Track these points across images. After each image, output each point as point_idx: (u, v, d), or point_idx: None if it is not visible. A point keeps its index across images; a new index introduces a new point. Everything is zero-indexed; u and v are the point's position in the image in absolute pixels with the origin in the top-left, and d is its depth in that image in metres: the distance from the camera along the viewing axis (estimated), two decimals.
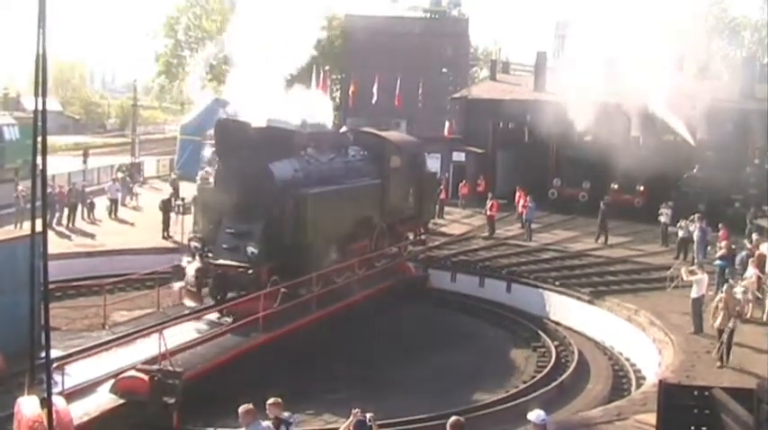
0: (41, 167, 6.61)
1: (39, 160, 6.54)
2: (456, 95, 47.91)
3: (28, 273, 12.71)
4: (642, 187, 35.19)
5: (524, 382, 18.71)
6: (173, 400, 13.85)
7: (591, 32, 31.38)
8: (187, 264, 19.17)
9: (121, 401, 14.10)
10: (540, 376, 18.91)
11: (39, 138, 6.45)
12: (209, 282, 19.16)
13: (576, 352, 20.63)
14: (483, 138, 40.35)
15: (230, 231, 19.62)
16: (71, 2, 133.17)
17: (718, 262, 22.24)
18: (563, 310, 24.04)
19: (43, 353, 7.74)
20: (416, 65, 53.03)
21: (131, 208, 35.10)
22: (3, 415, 12.11)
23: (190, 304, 19.32)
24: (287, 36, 20.48)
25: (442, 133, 44.62)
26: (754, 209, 30.55)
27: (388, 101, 45.87)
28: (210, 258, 19.35)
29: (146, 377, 14.03)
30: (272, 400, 10.22)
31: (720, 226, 26.11)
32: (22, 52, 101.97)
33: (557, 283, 24.77)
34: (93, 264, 25.41)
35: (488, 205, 30.88)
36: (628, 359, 20.81)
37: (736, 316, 16.83)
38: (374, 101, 45.66)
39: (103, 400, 14.14)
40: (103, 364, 15.24)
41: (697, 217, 26.39)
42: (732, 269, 21.78)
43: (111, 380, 14.50)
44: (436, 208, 32.03)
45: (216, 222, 20.00)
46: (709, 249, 25.49)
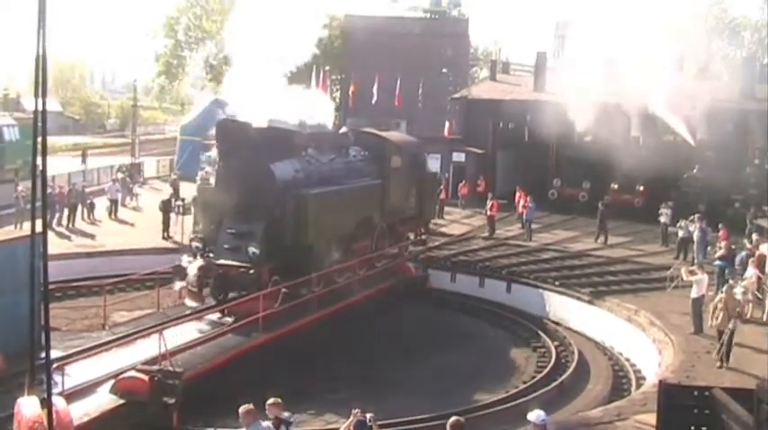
0: (41, 168, 6.60)
1: (39, 161, 6.54)
2: (456, 95, 47.87)
3: (28, 273, 12.68)
4: (642, 187, 35.20)
5: (524, 382, 18.71)
6: (173, 401, 13.85)
7: (591, 32, 31.37)
8: (188, 264, 19.16)
9: (121, 401, 14.10)
10: (540, 376, 18.91)
11: (39, 139, 6.44)
12: (210, 281, 19.18)
13: (576, 352, 20.63)
14: (483, 139, 40.33)
15: (231, 231, 19.62)
16: (71, 2, 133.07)
17: (717, 262, 22.25)
18: (563, 310, 24.05)
19: (43, 354, 7.75)
20: (416, 65, 52.96)
21: (131, 208, 35.09)
22: (3, 415, 12.11)
23: (191, 304, 19.31)
24: (287, 35, 20.45)
25: (442, 133, 44.57)
26: (754, 209, 30.54)
27: (388, 101, 45.79)
28: (212, 258, 19.36)
29: (146, 377, 14.03)
30: (271, 400, 10.22)
31: (720, 226, 26.10)
32: (22, 53, 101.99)
33: (557, 283, 24.77)
34: (94, 265, 25.42)
35: (488, 205, 30.88)
36: (628, 359, 20.81)
37: (735, 316, 16.83)
38: (374, 101, 45.58)
39: (103, 401, 14.15)
40: (103, 365, 15.26)
41: (697, 217, 26.39)
42: (732, 269, 21.78)
43: (112, 381, 14.50)
44: (437, 208, 32.04)
45: (217, 222, 20.01)
46: (709, 249, 25.48)
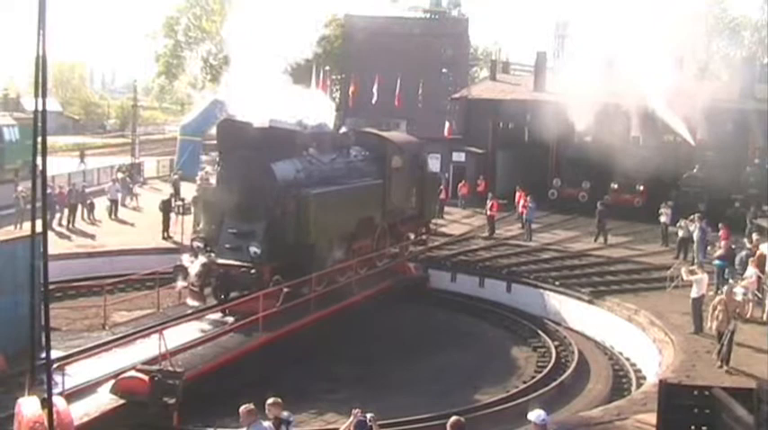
0: (41, 168, 6.61)
1: (39, 161, 6.55)
2: (456, 95, 47.79)
3: (28, 273, 12.70)
4: (642, 187, 35.20)
5: (524, 382, 18.71)
6: (173, 401, 13.88)
7: (590, 33, 31.39)
8: (189, 264, 19.14)
9: (122, 402, 14.12)
10: (540, 376, 18.91)
11: (39, 139, 6.46)
12: (211, 281, 19.18)
13: (577, 352, 20.63)
14: (483, 139, 40.29)
15: (233, 231, 19.63)
16: (71, 3, 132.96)
17: (716, 262, 22.25)
18: (563, 310, 24.05)
19: (43, 354, 7.76)
20: (416, 65, 52.92)
21: (131, 208, 35.07)
22: (3, 415, 12.15)
23: (192, 303, 19.32)
24: (287, 33, 20.39)
25: (442, 133, 44.47)
26: (754, 209, 30.53)
27: (388, 101, 45.73)
28: (213, 258, 19.36)
29: (146, 377, 14.06)
30: (271, 400, 10.22)
31: (720, 226, 26.08)
32: (22, 53, 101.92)
33: (557, 283, 24.77)
34: (94, 265, 25.43)
35: (489, 205, 30.88)
36: (628, 359, 20.82)
37: (735, 317, 16.82)
38: (374, 101, 45.52)
39: (104, 401, 14.15)
40: (104, 365, 15.26)
41: (697, 217, 26.37)
42: (732, 269, 21.79)
43: (112, 381, 14.51)
44: (437, 208, 32.02)
45: (218, 222, 20.00)
46: (709, 249, 25.48)
